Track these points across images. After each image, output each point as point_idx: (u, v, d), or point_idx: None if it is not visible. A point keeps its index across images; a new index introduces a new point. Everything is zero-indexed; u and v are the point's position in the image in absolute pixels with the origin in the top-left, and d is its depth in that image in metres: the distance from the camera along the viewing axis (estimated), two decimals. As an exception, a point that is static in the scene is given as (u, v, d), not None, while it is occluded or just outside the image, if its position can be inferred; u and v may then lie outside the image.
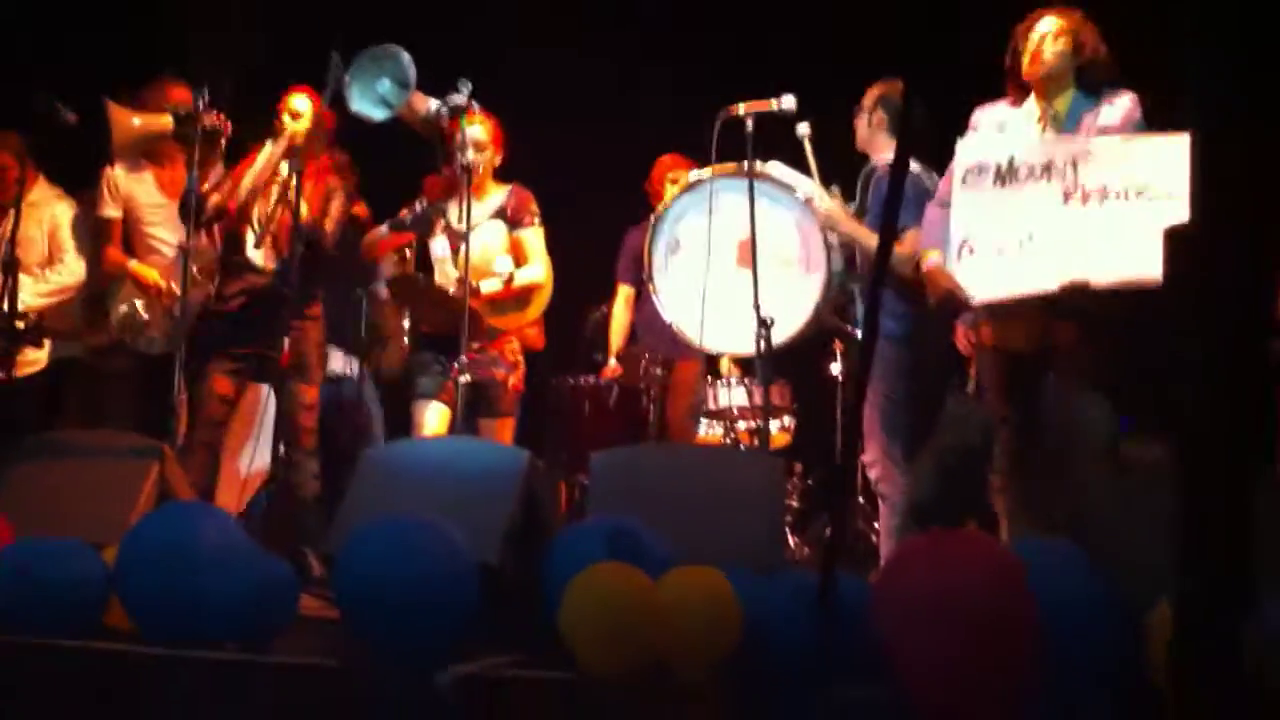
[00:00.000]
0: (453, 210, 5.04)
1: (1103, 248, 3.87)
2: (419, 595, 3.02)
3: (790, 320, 4.61)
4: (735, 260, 4.71)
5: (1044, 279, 3.92)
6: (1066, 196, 3.92)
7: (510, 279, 4.93)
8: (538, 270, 5.05)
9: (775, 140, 4.74)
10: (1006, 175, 3.98)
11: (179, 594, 3.13)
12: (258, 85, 5.19)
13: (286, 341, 4.54)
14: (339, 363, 5.70)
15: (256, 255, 4.98)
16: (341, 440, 5.45)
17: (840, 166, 4.89)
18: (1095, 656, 2.87)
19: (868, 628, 2.86)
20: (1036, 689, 2.70)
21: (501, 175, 5.17)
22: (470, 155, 4.72)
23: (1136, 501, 3.33)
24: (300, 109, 4.96)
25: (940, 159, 4.31)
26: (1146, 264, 3.71)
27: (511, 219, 5.06)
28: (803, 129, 4.81)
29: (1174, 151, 3.81)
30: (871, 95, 4.91)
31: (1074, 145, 3.98)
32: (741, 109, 4.54)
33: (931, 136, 4.39)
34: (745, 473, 3.76)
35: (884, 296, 4.61)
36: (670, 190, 5.14)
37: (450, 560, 3.12)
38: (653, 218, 4.89)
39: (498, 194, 5.08)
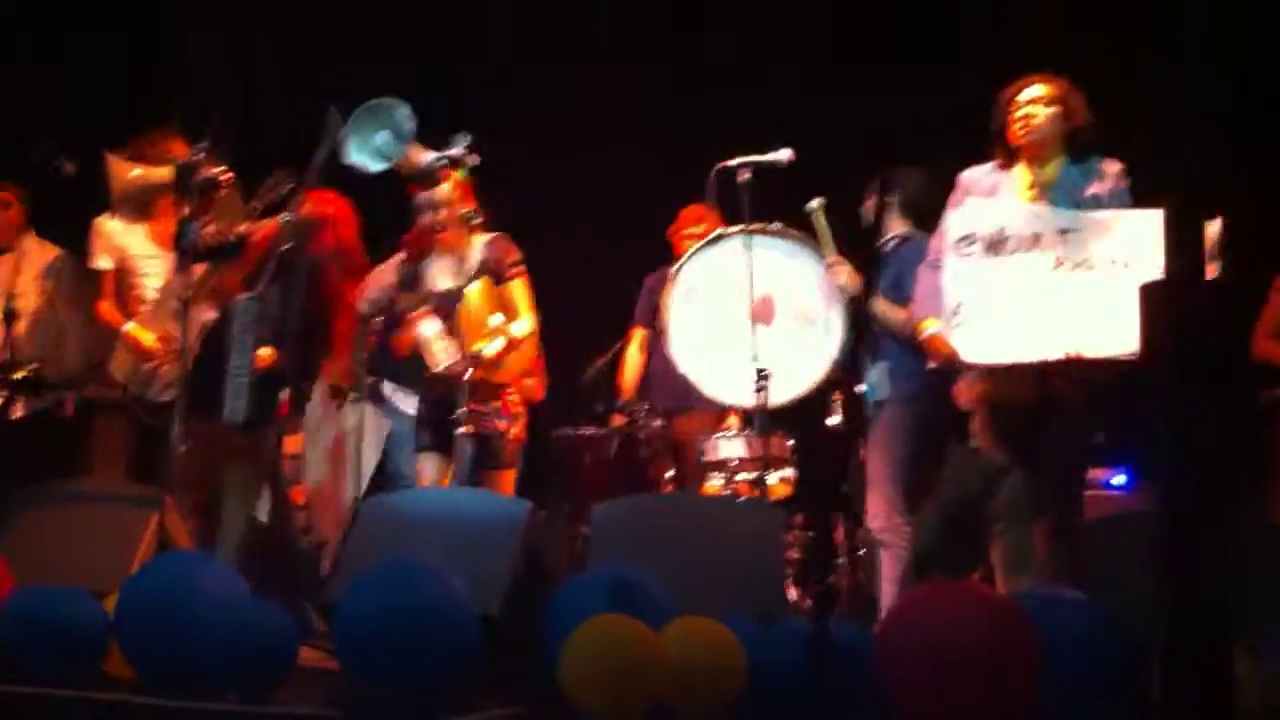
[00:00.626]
0: (434, 272, 5.03)
1: (1094, 321, 3.90)
2: (420, 644, 3.01)
3: (803, 377, 4.76)
4: (753, 315, 4.76)
5: (1039, 348, 3.95)
6: (1056, 265, 3.97)
7: (510, 339, 4.91)
8: (526, 323, 5.02)
9: (771, 192, 4.79)
10: (996, 245, 4.03)
11: (179, 643, 3.12)
12: (256, 136, 5.23)
13: (285, 392, 4.54)
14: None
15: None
16: None
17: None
18: (1104, 699, 2.87)
19: (871, 676, 2.86)
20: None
21: (492, 224, 5.15)
22: (443, 214, 4.74)
23: (1140, 548, 3.35)
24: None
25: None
26: (1108, 342, 3.83)
27: (494, 272, 5.02)
28: (813, 204, 4.89)
29: (1155, 225, 3.86)
30: (878, 179, 5.04)
31: (1062, 218, 4.02)
32: (736, 161, 4.59)
33: (930, 202, 4.52)
34: (746, 523, 3.77)
35: (893, 355, 4.80)
36: (690, 242, 5.23)
37: (452, 610, 3.12)
38: (675, 266, 4.94)
39: (478, 248, 5.03)
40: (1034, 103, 4.13)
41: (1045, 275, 3.97)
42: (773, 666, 3.00)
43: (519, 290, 5.01)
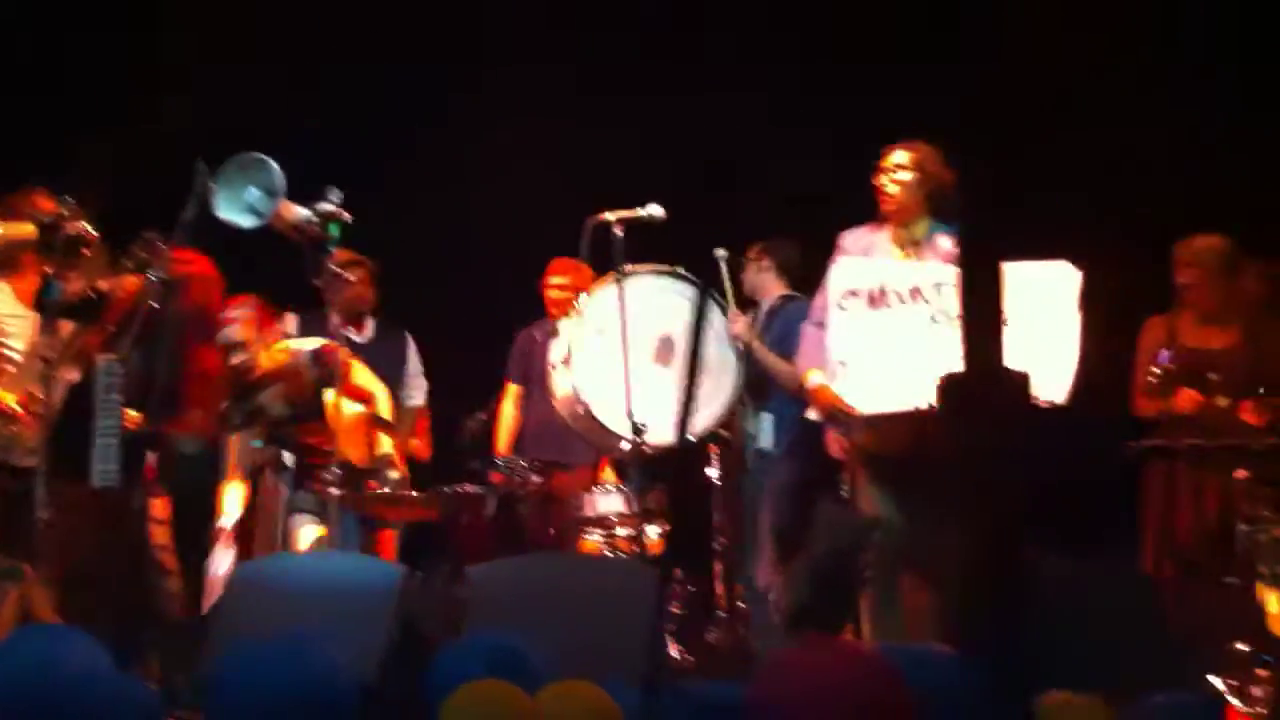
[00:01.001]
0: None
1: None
2: (299, 717, 2.95)
3: (702, 415, 4.95)
4: (653, 355, 4.96)
5: (917, 397, 4.05)
6: (933, 319, 4.19)
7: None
8: (384, 401, 5.05)
9: (641, 247, 4.86)
10: (877, 299, 4.25)
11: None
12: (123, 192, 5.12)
13: (150, 456, 4.43)
14: None
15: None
16: None
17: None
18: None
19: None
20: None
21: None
22: (241, 355, 4.80)
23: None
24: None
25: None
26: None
27: (328, 379, 5.01)
28: (720, 252, 5.21)
29: (1020, 278, 3.98)
30: (756, 247, 5.49)
31: (935, 273, 4.27)
32: (610, 216, 4.65)
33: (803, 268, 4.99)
34: (622, 582, 3.77)
35: (777, 406, 4.96)
36: (556, 293, 5.46)
37: (328, 681, 3.05)
38: (578, 303, 5.02)
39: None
40: (895, 169, 4.41)
41: (923, 326, 4.20)
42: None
43: (363, 375, 5.10)
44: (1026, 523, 3.50)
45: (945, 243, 4.37)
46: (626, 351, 4.72)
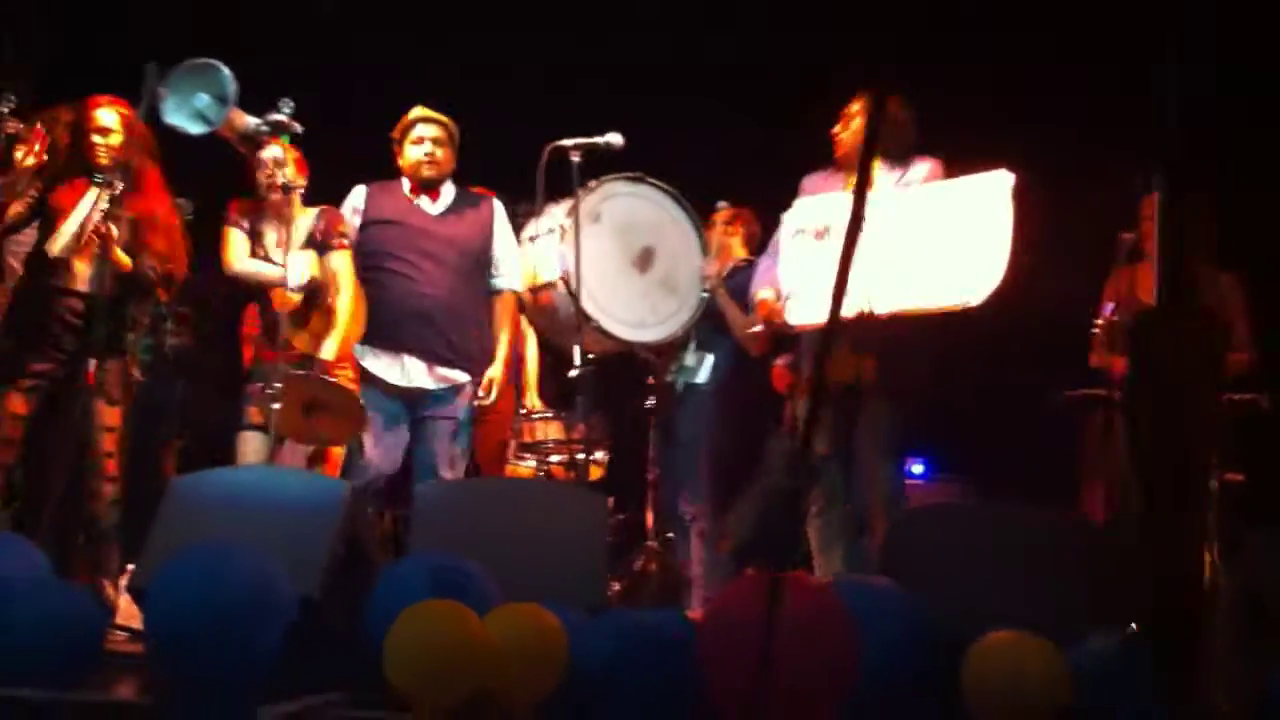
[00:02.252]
0: (268, 236, 4.91)
1: (886, 282, 4.24)
2: (235, 629, 2.92)
3: (645, 333, 5.10)
4: (634, 259, 5.10)
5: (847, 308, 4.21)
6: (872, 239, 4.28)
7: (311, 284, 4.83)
8: (345, 300, 4.92)
9: (599, 175, 4.83)
10: (822, 233, 4.49)
11: (-26, 628, 2.97)
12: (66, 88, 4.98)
13: (92, 362, 4.34)
14: None
15: (70, 274, 4.74)
16: None
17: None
18: (914, 687, 2.94)
19: (691, 666, 2.88)
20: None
21: (313, 198, 5.05)
22: (290, 173, 4.61)
23: (950, 540, 3.47)
24: (108, 124, 4.72)
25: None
26: (936, 294, 4.19)
27: (321, 241, 4.94)
28: (722, 204, 5.50)
29: (978, 188, 4.27)
30: (726, 213, 5.63)
31: (880, 200, 4.40)
32: (567, 143, 4.61)
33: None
34: (570, 509, 3.76)
35: (720, 348, 5.08)
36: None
37: (268, 591, 3.03)
38: (588, 186, 4.96)
39: (305, 218, 4.93)
40: (853, 117, 4.68)
41: (867, 253, 4.21)
42: (594, 654, 3.00)
43: (342, 263, 4.92)
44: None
45: (922, 168, 4.58)
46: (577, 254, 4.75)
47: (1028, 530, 3.52)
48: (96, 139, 4.67)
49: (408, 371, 4.90)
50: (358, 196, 5.07)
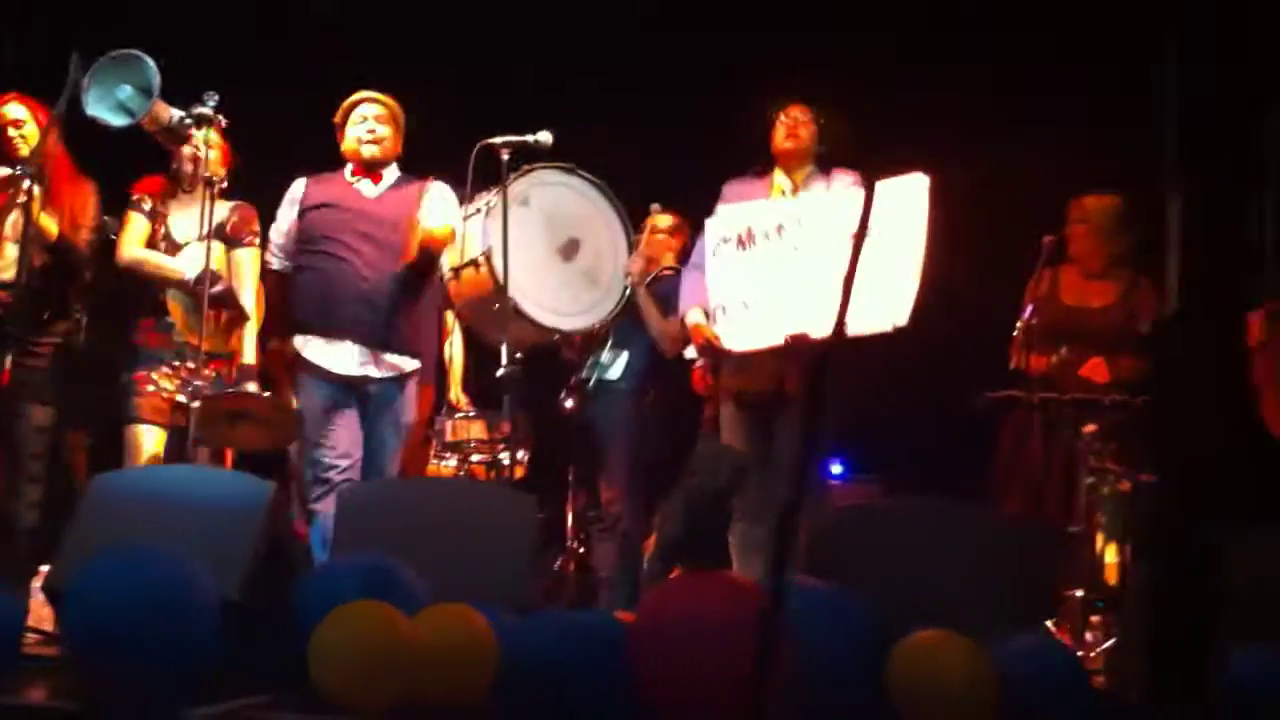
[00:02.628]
0: (174, 220, 4.83)
1: (821, 302, 4.22)
2: (156, 631, 2.88)
3: (565, 321, 5.08)
4: (559, 248, 5.09)
5: (774, 332, 4.31)
6: (795, 248, 4.37)
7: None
8: (249, 299, 4.86)
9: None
10: (745, 240, 4.45)
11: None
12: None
13: (8, 360, 4.24)
14: None
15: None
16: None
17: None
18: (845, 686, 2.96)
19: (623, 666, 2.88)
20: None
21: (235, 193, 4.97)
22: (212, 155, 4.55)
23: (878, 539, 3.50)
24: (19, 116, 4.67)
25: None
26: (861, 319, 4.08)
27: (231, 236, 4.85)
28: (656, 206, 5.38)
29: (894, 192, 4.24)
30: (668, 222, 5.52)
31: (799, 207, 4.48)
32: (498, 140, 4.60)
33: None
34: (498, 510, 3.74)
35: (637, 347, 5.07)
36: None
37: (190, 593, 2.99)
38: (520, 169, 4.94)
39: (219, 210, 4.83)
40: (801, 120, 4.63)
41: (788, 262, 4.35)
42: (525, 655, 2.99)
43: (249, 260, 4.85)
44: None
45: (845, 178, 4.57)
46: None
47: (953, 528, 3.56)
48: (11, 132, 4.62)
49: (348, 358, 4.72)
50: (296, 188, 4.90)
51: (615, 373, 5.41)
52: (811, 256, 4.33)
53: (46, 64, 4.67)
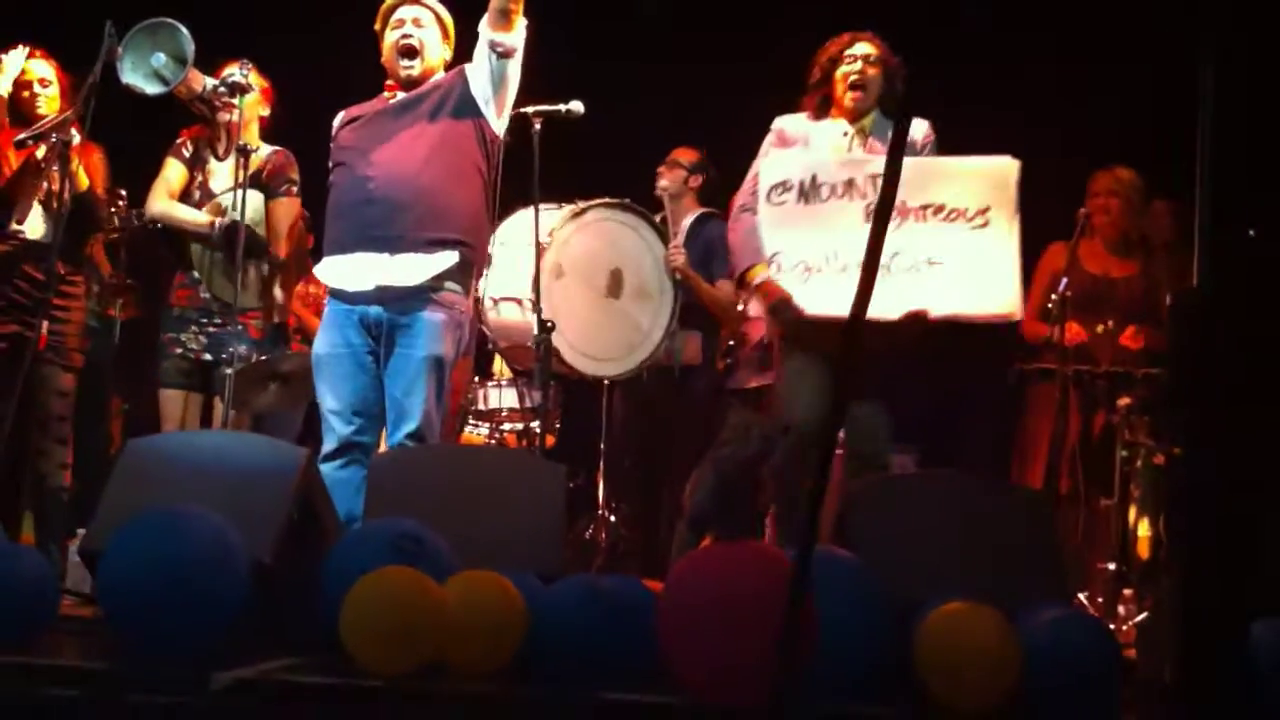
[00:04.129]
0: (215, 168, 4.85)
1: (938, 279, 3.97)
2: (188, 593, 2.90)
3: (642, 348, 5.10)
4: (606, 289, 5.09)
5: (845, 302, 3.92)
6: (868, 214, 3.95)
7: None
8: (282, 250, 4.85)
9: (559, 142, 4.80)
10: (809, 193, 4.05)
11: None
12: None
13: (45, 324, 4.29)
14: None
15: (22, 227, 4.71)
16: None
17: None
18: (867, 658, 2.96)
19: (650, 635, 2.89)
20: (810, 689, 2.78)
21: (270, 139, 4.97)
22: (250, 98, 4.58)
23: (902, 511, 3.49)
24: (45, 75, 4.73)
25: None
26: (980, 301, 3.96)
27: (266, 183, 4.84)
28: (664, 184, 5.47)
29: (980, 174, 4.03)
30: (690, 156, 5.55)
31: (874, 164, 4.08)
32: (530, 109, 4.58)
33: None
34: (528, 477, 3.75)
35: (702, 325, 5.27)
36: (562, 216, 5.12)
37: (222, 557, 3.01)
38: (541, 244, 4.79)
39: (258, 156, 4.79)
40: (865, 60, 4.27)
41: (857, 226, 3.96)
42: (553, 621, 3.01)
43: (283, 211, 4.85)
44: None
45: (921, 125, 4.30)
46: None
47: (980, 501, 3.54)
48: (37, 89, 4.68)
49: (362, 269, 4.21)
50: (337, 119, 4.51)
51: (693, 356, 5.47)
52: (909, 228, 4.02)
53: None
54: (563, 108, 4.65)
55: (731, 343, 5.45)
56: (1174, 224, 5.07)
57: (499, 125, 4.32)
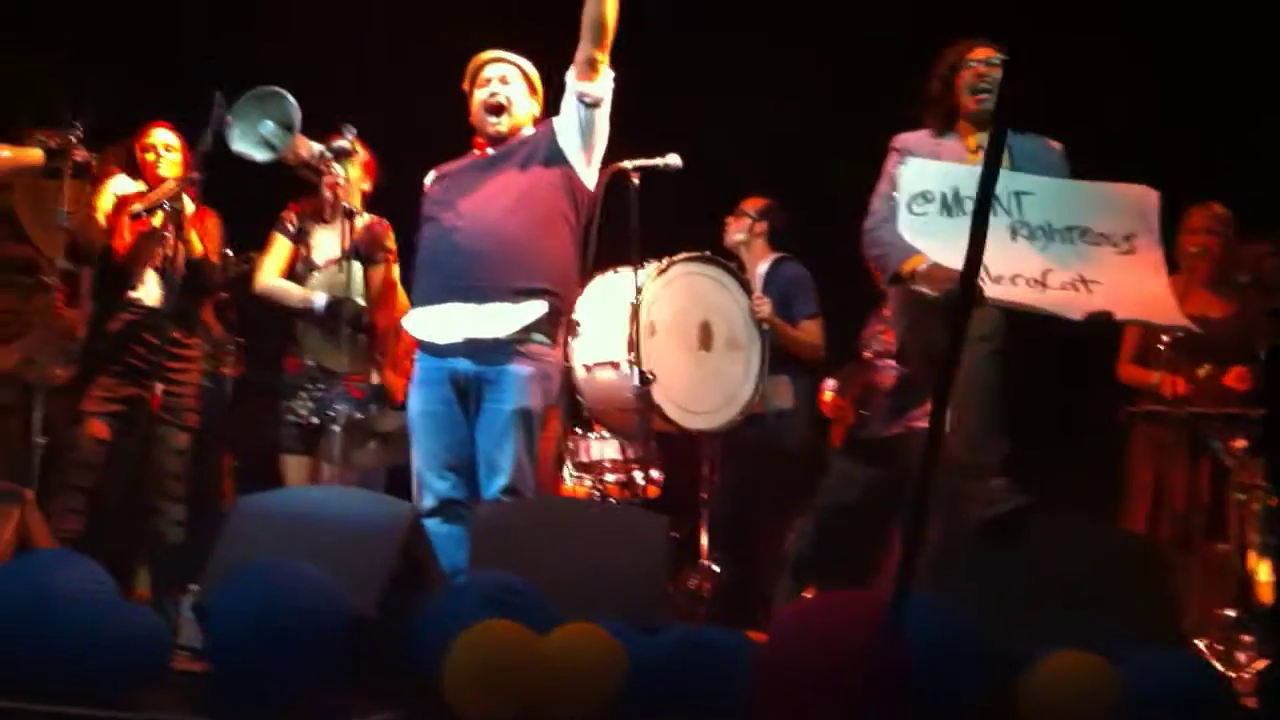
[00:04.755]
0: (317, 240, 4.97)
1: (1100, 296, 3.82)
2: (292, 646, 2.96)
3: (736, 400, 5.09)
4: (697, 343, 5.07)
5: (1063, 308, 3.79)
6: (1014, 232, 3.88)
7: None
8: (381, 317, 4.97)
9: (659, 196, 4.85)
10: (953, 205, 3.90)
11: (41, 646, 3.02)
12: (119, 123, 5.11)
13: (159, 386, 4.42)
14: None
15: (139, 293, 4.88)
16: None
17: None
18: (965, 709, 2.92)
19: (747, 686, 2.88)
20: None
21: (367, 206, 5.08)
22: (353, 173, 4.69)
23: (1003, 556, 3.44)
24: (169, 142, 4.93)
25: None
26: (1153, 312, 3.92)
27: (364, 253, 4.94)
28: (739, 237, 5.51)
29: (1122, 201, 3.95)
30: (756, 205, 5.53)
31: (1016, 181, 3.95)
32: (627, 165, 4.62)
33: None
34: (629, 528, 3.77)
35: (789, 368, 5.26)
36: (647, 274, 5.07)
37: (324, 611, 3.06)
38: (631, 304, 4.82)
39: (354, 229, 4.89)
40: (986, 63, 4.05)
41: (1004, 240, 3.83)
42: (653, 672, 3.01)
43: (381, 279, 4.95)
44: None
45: (1051, 149, 4.09)
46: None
47: (1083, 545, 3.48)
48: (162, 153, 4.92)
49: (450, 321, 4.18)
50: (428, 178, 4.48)
51: (784, 400, 5.45)
52: (1034, 241, 3.86)
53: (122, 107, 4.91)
54: (660, 161, 4.68)
55: (862, 393, 5.39)
56: (1267, 260, 4.95)
57: (588, 176, 4.32)
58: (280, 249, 4.99)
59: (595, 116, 4.24)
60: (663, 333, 4.95)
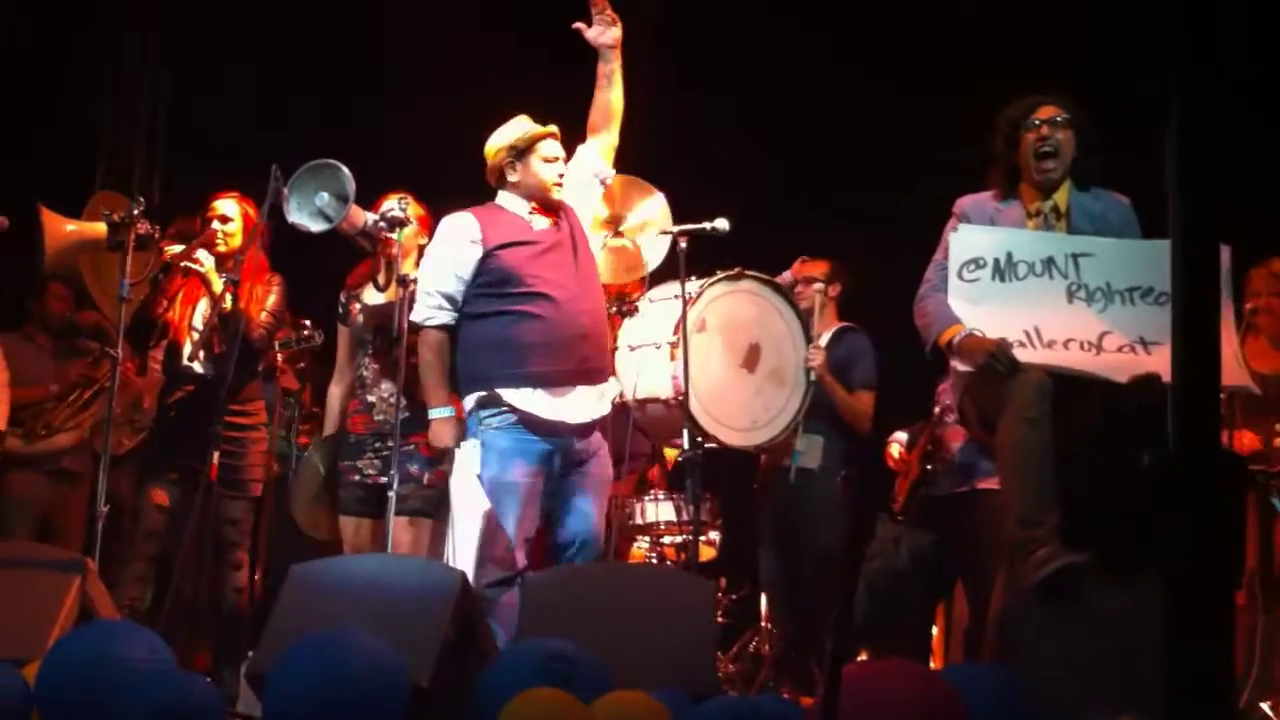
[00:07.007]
0: (367, 297, 5.04)
1: (1155, 357, 3.66)
2: (349, 715, 2.98)
3: (763, 430, 5.06)
4: (742, 359, 5.06)
5: (1113, 372, 3.67)
6: (1071, 295, 3.78)
7: None
8: None
9: (706, 259, 4.88)
10: (1005, 270, 3.81)
11: (98, 716, 3.06)
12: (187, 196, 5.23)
13: (216, 455, 4.47)
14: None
15: (194, 365, 4.96)
16: None
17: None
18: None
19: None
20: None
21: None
22: (409, 266, 4.73)
23: (1064, 622, 3.39)
24: (228, 213, 5.00)
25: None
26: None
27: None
28: (818, 285, 5.43)
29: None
30: (822, 268, 5.47)
31: (1075, 242, 3.86)
32: (677, 229, 4.66)
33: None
34: (679, 593, 3.76)
35: (828, 429, 5.20)
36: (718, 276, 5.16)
37: (382, 680, 3.09)
38: (696, 290, 4.93)
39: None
40: (1051, 123, 3.91)
41: (1060, 303, 3.77)
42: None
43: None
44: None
45: (1118, 204, 3.95)
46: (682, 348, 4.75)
47: (1142, 609, 3.42)
48: (216, 225, 4.95)
49: (583, 403, 4.39)
50: (470, 226, 4.46)
51: (812, 460, 5.38)
52: (1092, 304, 3.77)
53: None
54: (709, 226, 4.72)
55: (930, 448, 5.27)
56: None
57: None
58: (344, 349, 5.05)
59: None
60: (712, 332, 4.97)
